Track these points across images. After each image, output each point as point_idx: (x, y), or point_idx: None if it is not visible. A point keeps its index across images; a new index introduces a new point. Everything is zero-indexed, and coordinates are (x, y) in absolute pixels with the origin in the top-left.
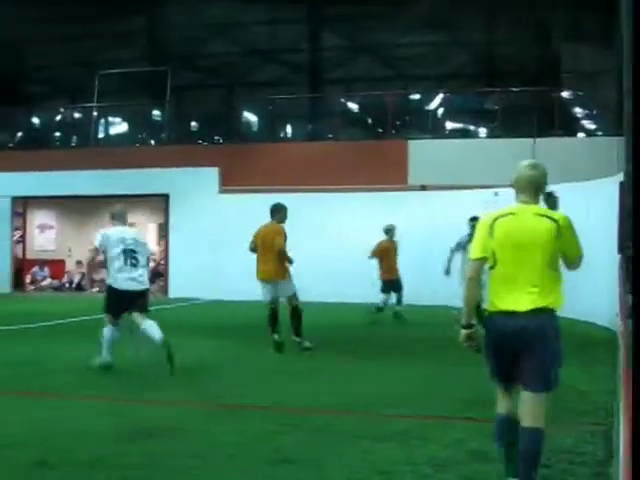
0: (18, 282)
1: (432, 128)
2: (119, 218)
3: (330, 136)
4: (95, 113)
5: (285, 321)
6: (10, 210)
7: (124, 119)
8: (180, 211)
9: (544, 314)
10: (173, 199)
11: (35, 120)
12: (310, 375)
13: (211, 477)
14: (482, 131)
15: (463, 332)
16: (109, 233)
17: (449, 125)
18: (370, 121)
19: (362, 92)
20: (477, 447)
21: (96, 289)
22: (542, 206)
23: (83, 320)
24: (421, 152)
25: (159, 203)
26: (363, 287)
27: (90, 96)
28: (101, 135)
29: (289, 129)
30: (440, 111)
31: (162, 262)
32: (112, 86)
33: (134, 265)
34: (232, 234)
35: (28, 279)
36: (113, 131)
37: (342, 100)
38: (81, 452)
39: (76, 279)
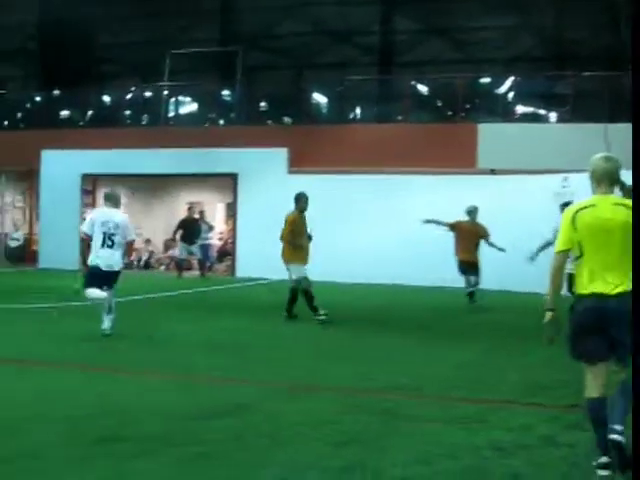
0: (87, 259)
1: (502, 112)
2: (111, 200)
3: (399, 118)
4: (166, 92)
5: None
6: (80, 188)
7: (194, 99)
8: (248, 191)
9: (627, 295)
10: (241, 179)
11: (106, 99)
12: (376, 357)
13: (280, 456)
14: (552, 116)
15: (549, 314)
16: (94, 217)
17: (519, 109)
18: (440, 104)
19: (432, 75)
20: (544, 432)
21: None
22: (618, 195)
23: (151, 297)
24: (491, 136)
25: (227, 183)
26: (430, 270)
27: (161, 75)
28: (171, 114)
29: (358, 111)
30: (510, 95)
31: (230, 241)
32: (183, 66)
33: (110, 247)
34: None
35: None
36: (183, 110)
37: (412, 82)
38: (153, 427)
39: (144, 257)
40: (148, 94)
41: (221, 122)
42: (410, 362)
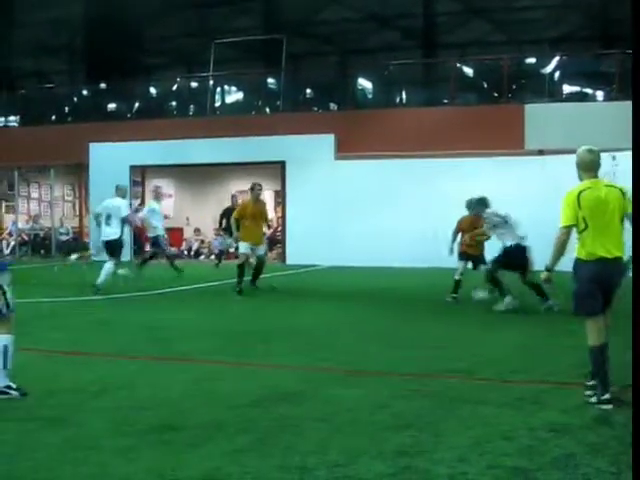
0: (138, 249)
1: (548, 92)
2: (118, 192)
3: (445, 101)
4: (211, 82)
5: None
6: (129, 178)
7: (240, 87)
8: (296, 178)
9: (620, 259)
10: (289, 166)
11: (152, 90)
12: (425, 341)
13: (336, 441)
14: (599, 94)
15: (546, 273)
16: (104, 203)
17: (565, 89)
18: (485, 86)
19: (477, 56)
20: (598, 413)
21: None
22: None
23: (199, 287)
24: (538, 116)
25: (275, 170)
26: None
27: (206, 65)
28: (217, 104)
29: (404, 95)
30: (556, 74)
31: (279, 229)
32: (228, 55)
33: (108, 224)
34: (348, 200)
35: (147, 247)
36: (229, 100)
37: (457, 65)
38: (208, 415)
39: (194, 246)
40: (194, 84)
41: (267, 110)
42: (463, 345)
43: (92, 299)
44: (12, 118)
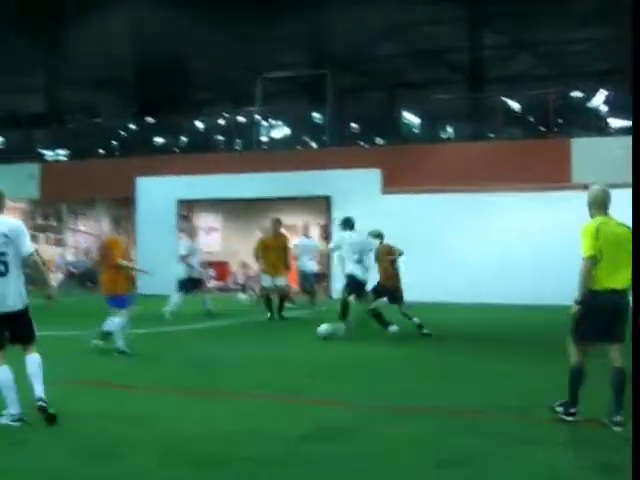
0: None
1: (595, 126)
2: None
3: (491, 135)
4: (258, 117)
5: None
6: (176, 213)
7: (286, 122)
8: (342, 213)
9: (627, 291)
10: (335, 201)
11: (199, 124)
12: (478, 377)
13: (384, 479)
14: None
15: (577, 306)
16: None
17: (613, 122)
18: (532, 120)
19: (523, 90)
20: None
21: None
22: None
23: (247, 321)
24: (585, 150)
25: (321, 205)
26: (526, 288)
27: (253, 100)
28: (264, 138)
29: (450, 129)
30: (603, 108)
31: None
32: (274, 90)
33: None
34: (394, 235)
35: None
36: (275, 134)
37: (503, 99)
38: (256, 449)
39: (241, 280)
40: (241, 119)
41: (313, 145)
42: (512, 381)
43: (137, 332)
44: (61, 152)
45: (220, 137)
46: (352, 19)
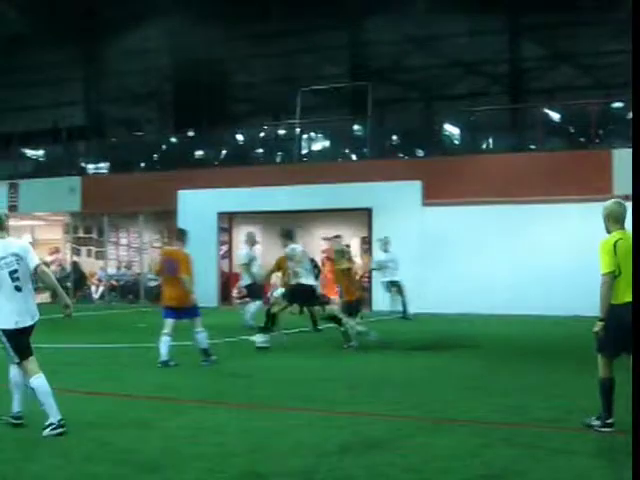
0: (225, 296)
1: None
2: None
3: (532, 147)
4: (298, 129)
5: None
6: (216, 225)
7: (326, 135)
8: (383, 225)
9: None
10: (376, 213)
11: (240, 137)
12: (518, 389)
13: None
14: None
15: (600, 323)
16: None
17: None
18: (573, 131)
19: (564, 101)
20: None
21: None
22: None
23: (288, 334)
24: (626, 161)
25: (362, 217)
26: (566, 300)
27: (292, 112)
28: (304, 151)
29: (490, 141)
30: None
31: (366, 275)
32: (314, 102)
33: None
34: (435, 247)
35: (235, 293)
36: (316, 147)
37: (543, 110)
38: (297, 462)
39: (280, 293)
40: (281, 132)
41: (354, 157)
42: (552, 393)
43: (180, 344)
44: (102, 165)
45: (260, 150)
46: (392, 31)
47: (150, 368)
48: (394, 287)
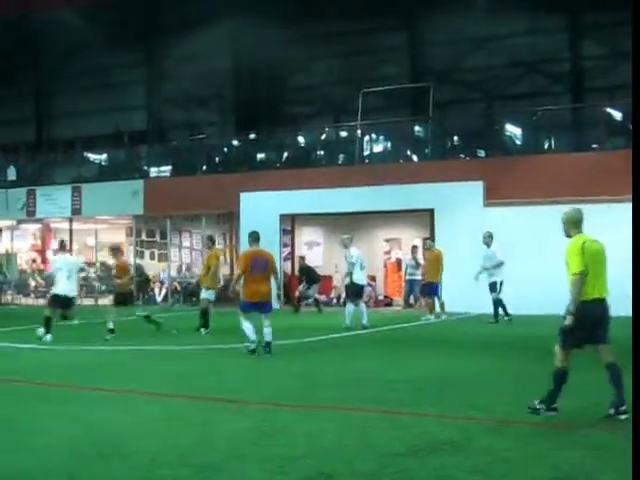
0: (287, 298)
1: None
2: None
3: (594, 146)
4: (359, 131)
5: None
6: (279, 227)
7: (387, 136)
8: (445, 225)
9: (606, 300)
10: (438, 213)
11: (301, 139)
12: (584, 390)
13: None
14: None
15: (572, 317)
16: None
17: None
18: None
19: (625, 100)
20: None
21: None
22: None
23: (348, 335)
24: None
25: (424, 218)
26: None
27: (353, 114)
28: (365, 152)
29: (552, 140)
30: None
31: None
32: (375, 103)
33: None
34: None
35: (297, 294)
36: (377, 148)
37: (605, 109)
38: (362, 465)
39: (343, 294)
40: (342, 133)
41: (415, 158)
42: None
43: (239, 346)
44: (164, 169)
45: (322, 152)
46: (452, 31)
47: (211, 370)
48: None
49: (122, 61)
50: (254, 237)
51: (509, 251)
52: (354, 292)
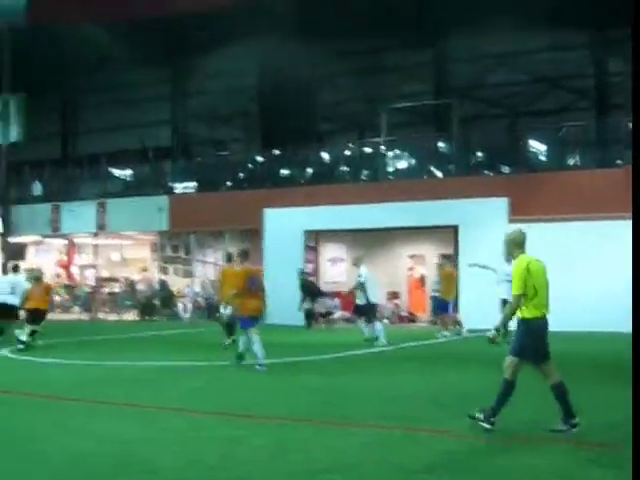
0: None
1: None
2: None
3: (619, 162)
4: (383, 147)
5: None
6: (302, 243)
7: (411, 152)
8: (469, 241)
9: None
10: (462, 230)
11: (325, 156)
12: (608, 408)
13: None
14: None
15: (493, 333)
16: None
17: None
18: None
19: None
20: None
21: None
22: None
23: (372, 352)
24: None
25: (448, 234)
26: None
27: (377, 130)
28: (389, 169)
29: (577, 156)
30: None
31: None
32: (399, 120)
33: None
34: None
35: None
36: (400, 164)
37: (630, 125)
38: None
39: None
40: (366, 150)
41: (439, 174)
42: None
43: (273, 362)
44: (189, 184)
45: (346, 168)
46: (476, 47)
47: (232, 385)
48: None
49: (148, 77)
50: (245, 255)
51: None
52: (369, 310)
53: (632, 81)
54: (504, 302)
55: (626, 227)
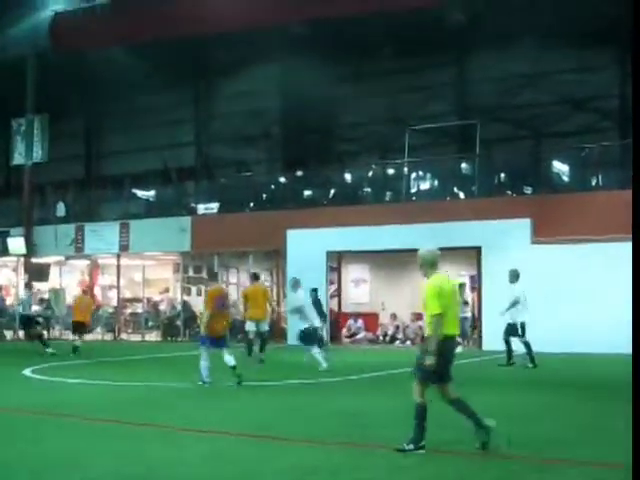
0: (334, 334)
1: None
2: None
3: None
4: (405, 168)
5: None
6: (325, 264)
7: (434, 173)
8: (492, 263)
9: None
10: (485, 251)
11: (347, 176)
12: (618, 428)
13: None
14: None
15: (431, 357)
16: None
17: None
18: None
19: None
20: None
21: (409, 342)
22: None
23: (396, 373)
24: None
25: (471, 255)
26: None
27: (400, 151)
28: (412, 190)
29: (600, 177)
30: None
31: (476, 314)
32: (422, 140)
33: None
34: (545, 285)
35: (344, 332)
36: (423, 185)
37: None
38: None
39: (390, 332)
40: (389, 171)
41: (462, 195)
42: None
43: (281, 384)
44: (212, 205)
45: (368, 189)
46: (500, 68)
47: (258, 406)
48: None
49: (171, 99)
50: (214, 275)
51: (556, 289)
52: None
53: (632, 95)
54: (510, 328)
55: None
